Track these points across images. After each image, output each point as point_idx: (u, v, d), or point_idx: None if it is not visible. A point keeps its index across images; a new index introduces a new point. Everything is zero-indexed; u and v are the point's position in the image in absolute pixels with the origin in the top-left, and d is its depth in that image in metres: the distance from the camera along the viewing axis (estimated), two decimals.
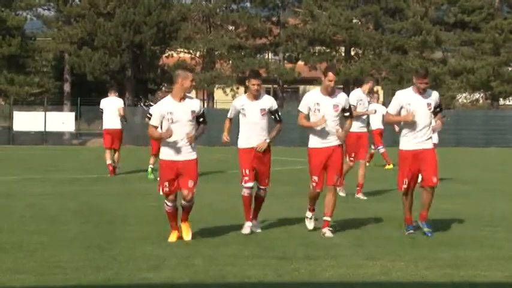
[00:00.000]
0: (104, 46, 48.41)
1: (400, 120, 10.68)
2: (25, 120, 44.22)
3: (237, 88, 54.53)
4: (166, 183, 9.97)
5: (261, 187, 10.90)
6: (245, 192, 10.74)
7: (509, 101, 55.99)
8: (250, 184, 10.69)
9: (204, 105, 54.91)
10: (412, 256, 8.91)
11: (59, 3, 50.90)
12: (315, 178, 10.60)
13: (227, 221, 11.73)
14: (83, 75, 49.26)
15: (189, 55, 55.20)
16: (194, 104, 9.92)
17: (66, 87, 51.53)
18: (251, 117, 10.65)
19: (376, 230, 10.95)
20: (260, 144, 10.65)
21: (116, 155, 20.64)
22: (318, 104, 10.50)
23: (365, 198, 15.03)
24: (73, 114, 46.14)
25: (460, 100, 55.22)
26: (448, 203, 13.75)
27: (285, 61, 56.03)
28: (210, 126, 11.05)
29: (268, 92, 63.56)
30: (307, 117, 10.59)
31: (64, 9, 50.65)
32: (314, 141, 10.59)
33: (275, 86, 57.88)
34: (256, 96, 10.66)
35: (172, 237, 10.00)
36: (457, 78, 52.53)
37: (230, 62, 54.60)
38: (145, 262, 8.51)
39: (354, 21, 54.11)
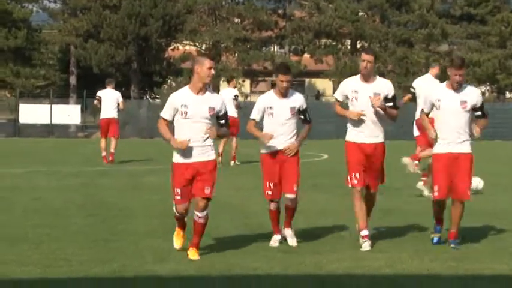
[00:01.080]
0: (109, 39, 48.46)
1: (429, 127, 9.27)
2: (31, 113, 44.30)
3: (243, 81, 54.50)
4: (179, 190, 8.62)
5: (289, 196, 9.29)
6: (271, 206, 9.40)
7: None
8: (276, 200, 9.35)
9: None
10: (416, 249, 8.91)
11: None
12: (356, 175, 9.21)
13: (233, 215, 11.74)
14: (88, 67, 49.32)
15: (195, 48, 55.19)
16: (215, 100, 8.55)
17: (72, 80, 51.59)
18: (279, 117, 9.24)
19: (381, 223, 10.94)
20: (290, 146, 9.23)
21: (113, 143, 21.85)
22: (356, 92, 9.25)
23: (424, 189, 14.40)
24: (79, 106, 46.21)
25: None
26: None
27: (291, 54, 55.99)
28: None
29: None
30: (346, 107, 9.41)
31: (70, 2, 50.70)
32: (351, 134, 9.34)
33: None
34: (285, 94, 9.26)
35: (177, 240, 8.91)
36: None
37: (236, 54, 54.58)
38: (151, 255, 8.52)
39: (360, 14, 54.05)
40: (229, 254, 8.65)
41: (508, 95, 55.83)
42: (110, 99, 22.04)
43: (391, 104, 9.27)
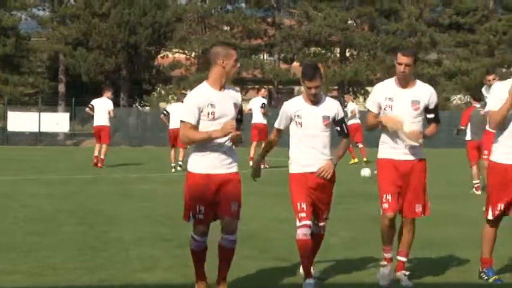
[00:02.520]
0: (99, 47, 48.38)
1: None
2: (19, 121, 44.14)
3: None
4: (199, 208, 7.16)
5: (320, 224, 7.81)
6: (300, 234, 7.49)
7: None
8: (308, 222, 7.52)
9: None
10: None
11: (53, 4, 50.86)
12: (387, 197, 7.65)
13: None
14: (77, 75, 49.22)
15: (184, 55, 55.18)
16: (235, 95, 7.25)
17: (61, 88, 51.46)
18: (310, 128, 7.56)
19: (371, 231, 10.91)
20: (324, 167, 7.56)
21: (104, 149, 22.94)
22: (391, 100, 7.70)
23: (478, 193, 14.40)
24: (67, 114, 46.09)
25: (454, 102, 55.26)
26: (438, 204, 13.70)
27: (280, 62, 56.04)
28: None
29: (258, 91, 63.73)
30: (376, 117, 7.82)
31: (59, 10, 50.61)
32: (385, 150, 7.78)
33: (270, 86, 57.83)
34: (316, 101, 7.65)
35: None
36: (451, 80, 52.62)
37: None
38: (139, 263, 8.45)
39: (349, 22, 54.17)
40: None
41: None
42: (101, 108, 23.08)
43: (431, 116, 7.73)
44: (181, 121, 6.97)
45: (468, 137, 16.53)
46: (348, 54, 55.44)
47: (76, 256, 8.83)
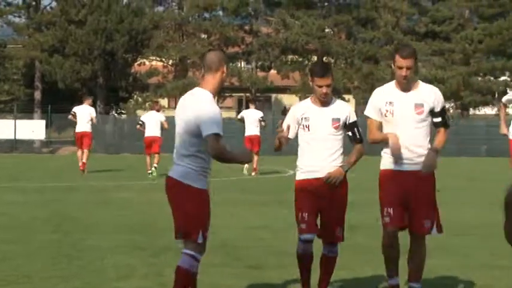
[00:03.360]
0: (75, 54, 48.24)
1: None
2: None
3: None
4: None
5: (331, 245, 7.21)
6: (301, 247, 7.05)
7: (479, 111, 56.49)
8: (309, 236, 6.98)
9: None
10: (383, 265, 8.90)
11: (29, 11, 50.67)
12: (388, 210, 6.88)
13: None
14: (53, 82, 49.04)
15: (162, 63, 55.14)
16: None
17: (37, 95, 51.24)
18: (318, 131, 7.00)
19: (348, 238, 10.94)
20: (333, 172, 6.94)
21: (85, 154, 23.91)
22: (391, 104, 6.95)
23: None
24: (43, 122, 45.89)
25: None
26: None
27: (258, 70, 56.16)
28: None
29: (240, 101, 63.94)
30: (380, 126, 7.03)
31: (35, 17, 50.42)
32: (387, 161, 7.03)
33: (247, 94, 57.94)
34: (325, 102, 7.08)
35: None
36: None
37: (202, 70, 54.60)
38: (115, 271, 8.43)
39: (326, 30, 54.40)
40: None
41: (471, 111, 56.41)
42: (84, 115, 24.03)
43: (439, 119, 7.00)
44: (215, 134, 6.07)
45: None
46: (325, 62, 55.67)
47: (51, 264, 8.79)
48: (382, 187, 7.01)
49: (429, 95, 6.95)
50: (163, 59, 54.76)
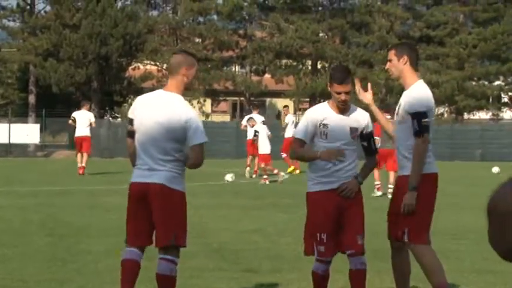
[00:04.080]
0: (69, 58, 48.20)
1: None
2: None
3: (204, 100, 54.54)
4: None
5: (351, 252, 6.63)
6: (320, 268, 6.72)
7: (473, 116, 56.61)
8: (329, 259, 6.67)
9: None
10: (377, 269, 8.93)
11: (24, 15, 50.64)
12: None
13: (192, 234, 11.69)
14: (48, 86, 48.99)
15: (156, 67, 55.14)
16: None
17: (31, 99, 51.19)
18: (335, 140, 6.64)
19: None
20: (349, 184, 6.57)
21: (85, 157, 24.89)
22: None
23: None
24: (38, 126, 45.82)
25: None
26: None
27: (252, 74, 56.21)
28: None
29: (234, 105, 64.00)
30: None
31: (29, 21, 50.39)
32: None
33: (241, 98, 57.99)
34: (344, 109, 6.73)
35: None
36: None
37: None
38: (109, 275, 8.44)
39: (321, 34, 54.49)
40: (188, 274, 8.60)
41: (466, 116, 56.53)
42: (83, 119, 25.03)
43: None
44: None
45: (378, 144, 17.81)
46: (319, 66, 55.74)
47: (45, 268, 8.80)
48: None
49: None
50: (158, 63, 54.75)
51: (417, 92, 6.69)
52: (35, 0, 51.62)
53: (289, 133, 26.17)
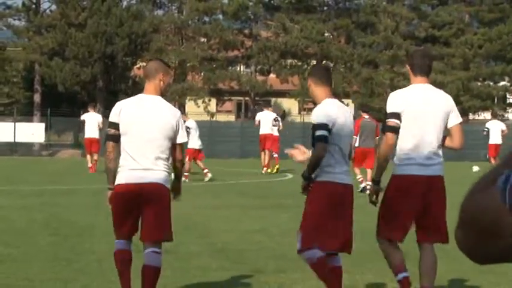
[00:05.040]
0: (75, 57, 48.27)
1: None
2: None
3: (209, 100, 54.56)
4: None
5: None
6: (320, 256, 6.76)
7: (478, 116, 56.54)
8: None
9: None
10: (380, 269, 8.95)
11: (29, 14, 50.71)
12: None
13: (195, 234, 11.71)
14: (53, 85, 49.06)
15: None
16: None
17: (36, 98, 51.28)
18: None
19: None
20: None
21: (95, 156, 25.70)
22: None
23: None
24: (43, 125, 45.90)
25: None
26: None
27: (257, 73, 56.22)
28: None
29: (239, 105, 63.93)
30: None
31: (35, 20, 50.46)
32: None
33: (246, 98, 58.01)
34: None
35: None
36: None
37: (202, 74, 54.68)
38: (113, 274, 8.44)
39: (326, 34, 54.49)
40: (192, 273, 8.62)
41: (471, 116, 56.46)
42: (92, 121, 25.89)
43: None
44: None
45: (357, 143, 19.40)
46: None
47: (50, 267, 8.83)
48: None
49: None
50: None
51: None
52: None
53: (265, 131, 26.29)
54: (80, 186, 20.45)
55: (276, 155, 26.90)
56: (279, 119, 26.91)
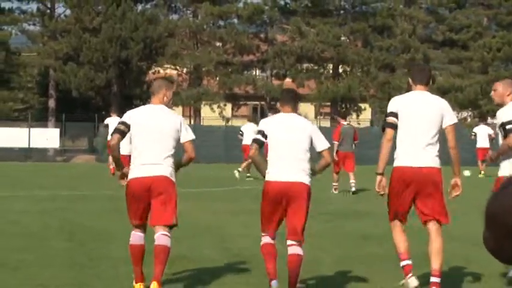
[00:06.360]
0: (89, 62, 48.48)
1: None
2: (8, 137, 44.10)
3: (224, 105, 54.63)
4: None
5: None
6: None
7: (497, 120, 56.31)
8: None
9: (190, 122, 55.03)
10: (399, 274, 8.95)
11: (44, 18, 50.98)
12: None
13: (211, 239, 11.75)
14: (68, 91, 49.27)
15: (176, 71, 55.32)
16: None
17: (51, 103, 51.51)
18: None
19: (359, 247, 10.99)
20: None
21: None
22: None
23: None
24: (57, 130, 46.10)
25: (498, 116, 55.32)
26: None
27: (273, 78, 56.23)
28: (197, 143, 9.88)
29: (255, 109, 63.97)
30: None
31: (49, 25, 50.71)
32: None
33: (262, 102, 58.04)
34: None
35: None
36: (445, 97, 52.86)
37: (217, 78, 54.76)
38: (129, 281, 8.51)
39: (342, 38, 54.44)
40: (209, 279, 8.66)
41: (490, 120, 56.25)
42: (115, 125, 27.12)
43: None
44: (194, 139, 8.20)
45: (337, 148, 21.14)
46: (341, 70, 55.68)
47: (65, 273, 8.88)
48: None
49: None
50: (178, 67, 54.95)
51: None
52: (55, 4, 51.93)
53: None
54: (95, 192, 20.55)
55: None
56: None
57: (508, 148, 8.63)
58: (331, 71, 55.64)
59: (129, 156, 8.22)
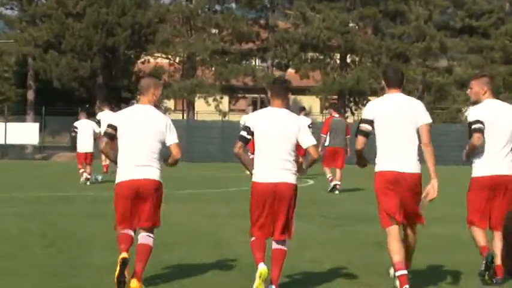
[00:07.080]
0: (72, 50, 48.54)
1: None
2: None
3: (221, 98, 54.69)
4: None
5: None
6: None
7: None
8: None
9: (183, 117, 55.08)
10: (411, 284, 9.06)
11: (22, 2, 51.04)
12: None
13: (207, 245, 11.85)
14: (48, 81, 49.33)
15: (167, 61, 55.37)
16: None
17: (30, 95, 51.57)
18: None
19: (369, 256, 11.08)
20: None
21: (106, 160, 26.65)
22: None
23: None
24: (37, 125, 46.15)
25: (466, 113, 55.42)
26: (439, 228, 13.87)
27: (274, 68, 56.29)
28: (190, 139, 10.40)
29: (255, 103, 63.99)
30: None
31: (29, 9, 50.78)
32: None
33: (262, 95, 58.10)
34: None
35: None
36: (463, 89, 52.91)
37: (213, 68, 54.82)
38: None
39: (351, 25, 54.49)
40: (204, 286, 8.76)
41: None
42: (108, 120, 27.52)
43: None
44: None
45: (327, 142, 21.40)
46: (349, 60, 55.74)
47: (46, 282, 8.98)
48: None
49: None
50: (170, 56, 55.01)
51: None
52: None
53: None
54: (78, 193, 20.63)
55: (300, 159, 27.15)
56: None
57: (473, 148, 9.27)
58: (338, 61, 55.70)
59: (85, 153, 8.78)
